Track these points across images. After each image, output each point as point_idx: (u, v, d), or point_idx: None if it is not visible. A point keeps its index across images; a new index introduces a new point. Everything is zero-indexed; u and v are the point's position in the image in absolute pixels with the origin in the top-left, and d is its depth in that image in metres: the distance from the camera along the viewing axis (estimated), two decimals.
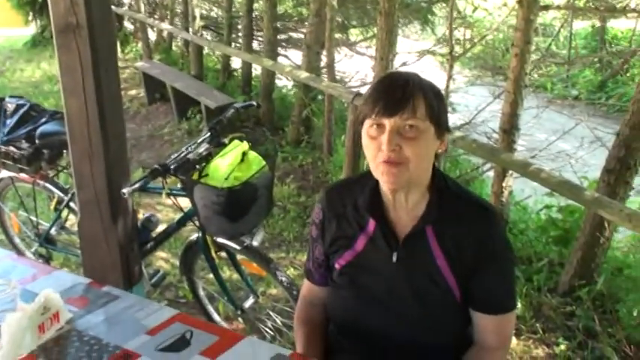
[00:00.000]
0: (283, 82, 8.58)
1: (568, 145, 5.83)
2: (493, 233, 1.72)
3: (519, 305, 3.91)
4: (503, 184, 4.55)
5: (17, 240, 4.17)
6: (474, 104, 6.18)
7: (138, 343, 1.72)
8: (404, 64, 6.89)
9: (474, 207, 1.74)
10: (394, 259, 1.73)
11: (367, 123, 1.63)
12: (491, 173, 5.01)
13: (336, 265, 1.84)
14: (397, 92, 1.59)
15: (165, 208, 5.23)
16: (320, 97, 6.82)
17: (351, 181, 1.88)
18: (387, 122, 1.58)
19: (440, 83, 5.05)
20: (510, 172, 4.42)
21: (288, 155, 6.53)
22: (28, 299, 1.75)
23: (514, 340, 3.65)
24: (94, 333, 1.77)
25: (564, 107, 7.65)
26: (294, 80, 7.39)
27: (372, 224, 1.77)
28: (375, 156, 1.63)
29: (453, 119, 6.38)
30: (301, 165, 6.39)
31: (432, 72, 5.93)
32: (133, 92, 9.39)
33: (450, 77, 4.96)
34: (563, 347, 3.58)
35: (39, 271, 2.10)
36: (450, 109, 5.98)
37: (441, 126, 1.64)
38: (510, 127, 4.34)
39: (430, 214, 1.70)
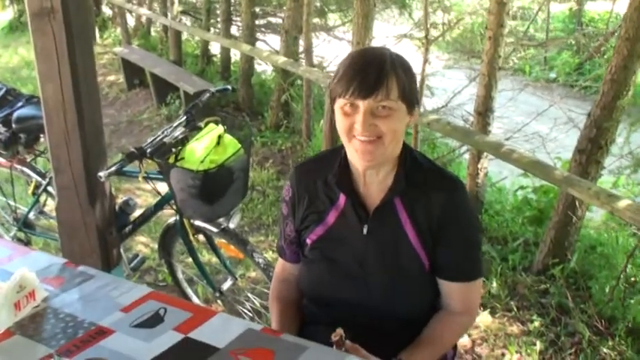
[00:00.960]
0: (262, 67, 8.59)
1: (544, 127, 5.90)
2: (457, 202, 1.78)
3: (494, 285, 4.00)
4: (479, 166, 4.62)
5: None
6: (451, 88, 6.23)
7: (112, 320, 1.76)
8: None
9: (438, 177, 1.80)
10: (364, 231, 1.79)
11: (340, 102, 1.67)
12: (468, 156, 5.07)
13: (308, 241, 1.89)
14: (371, 74, 1.62)
15: (144, 193, 5.25)
16: (299, 81, 6.84)
17: (320, 157, 1.92)
18: (362, 104, 1.63)
19: (417, 67, 5.12)
20: (485, 154, 4.49)
21: (268, 140, 6.57)
22: (5, 278, 1.78)
23: (489, 318, 3.73)
24: (69, 310, 1.81)
25: (542, 90, 7.72)
26: (272, 65, 7.41)
27: (342, 198, 1.82)
28: (348, 131, 1.68)
29: (431, 103, 6.43)
30: (280, 150, 6.43)
31: (409, 56, 5.96)
32: (112, 78, 9.36)
33: (425, 61, 5.00)
34: (537, 324, 3.66)
35: (15, 252, 2.13)
36: (427, 92, 6.02)
37: (411, 102, 1.69)
38: (485, 110, 4.40)
39: (398, 185, 1.76)
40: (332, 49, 7.67)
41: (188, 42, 10.46)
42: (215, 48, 9.32)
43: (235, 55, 8.63)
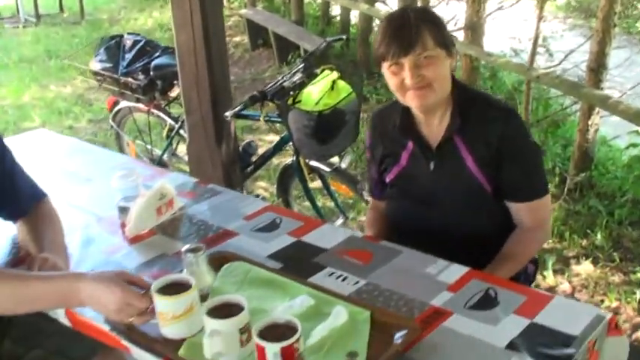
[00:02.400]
0: None
1: None
2: (512, 128, 1.97)
3: (599, 237, 4.06)
4: (589, 122, 4.63)
5: None
6: (568, 49, 6.18)
7: (236, 225, 2.09)
8: (500, 7, 6.91)
9: (491, 108, 2.01)
10: (431, 167, 2.02)
11: (386, 64, 1.92)
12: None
13: (387, 180, 2.15)
14: (406, 33, 1.86)
15: (261, 142, 5.58)
16: None
17: (393, 104, 2.14)
18: (405, 61, 1.87)
19: (531, 26, 5.15)
20: (597, 110, 4.50)
21: (382, 97, 6.76)
22: (148, 189, 2.12)
23: (591, 267, 3.82)
24: (200, 217, 2.15)
25: None
26: None
27: (410, 142, 2.05)
28: (400, 87, 1.92)
29: (544, 62, 6.39)
30: None
31: (528, 15, 5.96)
32: (237, 39, 9.77)
33: (540, 19, 5.02)
34: (639, 275, 3.72)
35: (155, 172, 2.49)
36: (541, 50, 5.99)
37: (447, 46, 1.91)
38: (597, 66, 4.40)
39: (454, 122, 1.97)
40: (449, 10, 7.72)
41: (310, 4, 10.73)
42: (336, 10, 9.54)
43: (355, 17, 8.81)
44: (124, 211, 2.08)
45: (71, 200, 2.28)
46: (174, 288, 1.55)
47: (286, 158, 3.90)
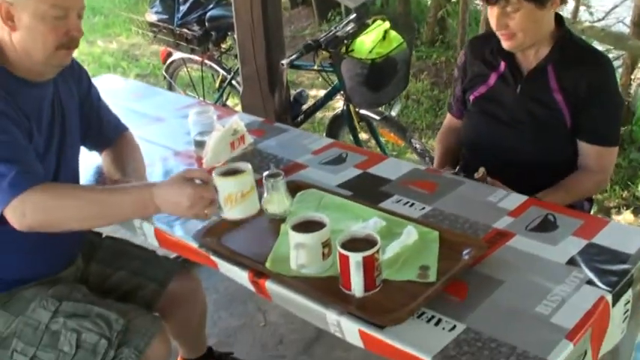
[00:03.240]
0: None
1: None
2: (604, 75, 2.11)
3: (639, 188, 4.13)
4: (632, 77, 4.67)
5: None
6: (608, 7, 6.18)
7: (305, 159, 2.23)
8: None
9: (589, 53, 2.15)
10: (518, 90, 2.16)
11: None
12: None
13: (471, 97, 2.31)
14: None
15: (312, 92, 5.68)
16: None
17: (489, 33, 2.27)
18: (494, 8, 2.01)
19: None
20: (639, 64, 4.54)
21: (423, 54, 6.82)
22: (222, 124, 2.26)
23: (631, 217, 3.90)
24: (271, 151, 2.30)
25: None
26: None
27: (502, 64, 2.20)
28: (494, 28, 2.08)
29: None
30: (435, 63, 6.67)
31: None
32: None
33: None
34: None
35: (223, 113, 2.62)
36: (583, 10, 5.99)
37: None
38: None
39: (553, 55, 2.11)
40: None
41: None
42: None
43: None
44: (200, 144, 2.23)
45: (147, 137, 2.43)
46: (233, 173, 1.81)
47: (330, 112, 4.00)
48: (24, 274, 1.93)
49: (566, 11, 5.87)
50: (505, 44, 2.09)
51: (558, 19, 2.12)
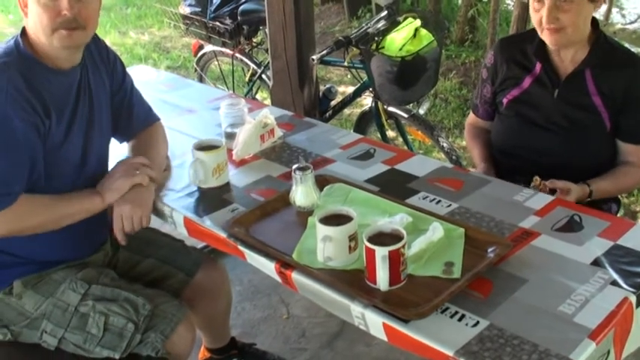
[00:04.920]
0: None
1: None
2: None
3: None
4: None
5: None
6: None
7: (333, 153, 2.26)
8: None
9: (627, 56, 2.17)
10: (555, 95, 2.16)
11: (531, 0, 2.07)
12: None
13: (504, 100, 2.29)
14: None
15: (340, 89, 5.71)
16: None
17: (521, 34, 2.32)
18: (546, 0, 2.00)
19: None
20: None
21: (452, 53, 6.80)
22: (252, 117, 2.29)
23: None
24: (300, 145, 2.32)
25: None
26: None
27: (538, 66, 2.20)
28: (539, 24, 2.07)
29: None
30: (464, 63, 6.65)
31: None
32: None
33: None
34: None
35: (254, 106, 2.66)
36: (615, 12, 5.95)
37: None
38: None
39: (591, 58, 2.11)
40: None
41: None
42: None
43: None
44: (230, 136, 2.26)
45: (178, 127, 2.48)
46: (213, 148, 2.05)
47: (358, 109, 4.01)
48: (53, 256, 1.98)
49: (598, 13, 5.84)
50: (550, 39, 2.06)
51: (593, 21, 2.13)
